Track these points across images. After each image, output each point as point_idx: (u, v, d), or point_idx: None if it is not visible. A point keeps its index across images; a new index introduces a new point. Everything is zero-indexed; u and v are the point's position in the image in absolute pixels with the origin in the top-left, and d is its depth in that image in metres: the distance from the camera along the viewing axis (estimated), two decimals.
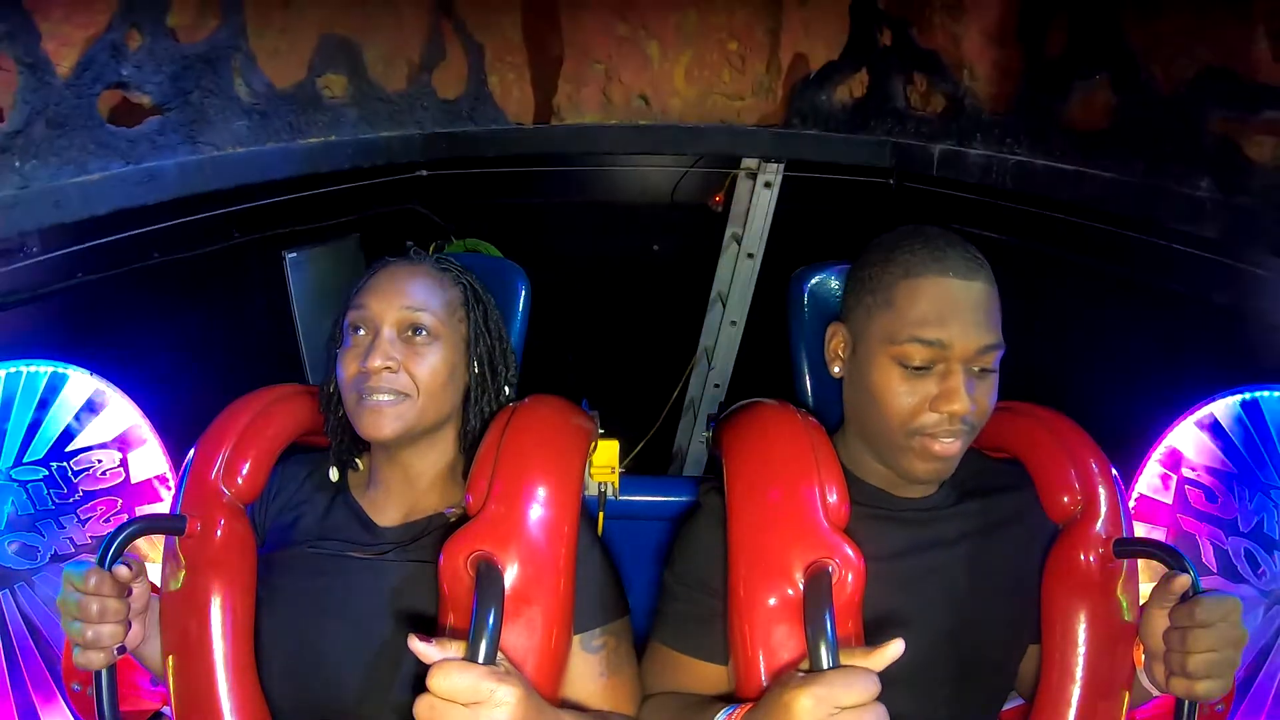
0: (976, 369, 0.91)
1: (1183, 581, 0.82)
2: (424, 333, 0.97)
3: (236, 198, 1.63)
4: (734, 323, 2.36)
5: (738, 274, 2.33)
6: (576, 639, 0.91)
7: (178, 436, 1.32)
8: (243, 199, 1.66)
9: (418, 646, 0.68)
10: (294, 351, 2.02)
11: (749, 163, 2.26)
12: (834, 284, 1.20)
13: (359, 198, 2.14)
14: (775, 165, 2.21)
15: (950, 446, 0.91)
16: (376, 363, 0.93)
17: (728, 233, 2.39)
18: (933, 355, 0.89)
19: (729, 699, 0.88)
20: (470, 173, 2.41)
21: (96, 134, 1.27)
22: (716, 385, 2.40)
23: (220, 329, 1.84)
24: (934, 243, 0.93)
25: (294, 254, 1.95)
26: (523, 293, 1.27)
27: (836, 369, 1.01)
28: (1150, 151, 1.37)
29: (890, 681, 0.71)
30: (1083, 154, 1.51)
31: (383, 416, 0.94)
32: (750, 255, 2.30)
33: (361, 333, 0.98)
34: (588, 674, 0.92)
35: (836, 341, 1.01)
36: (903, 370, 0.90)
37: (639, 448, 2.73)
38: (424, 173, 2.31)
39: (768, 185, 2.23)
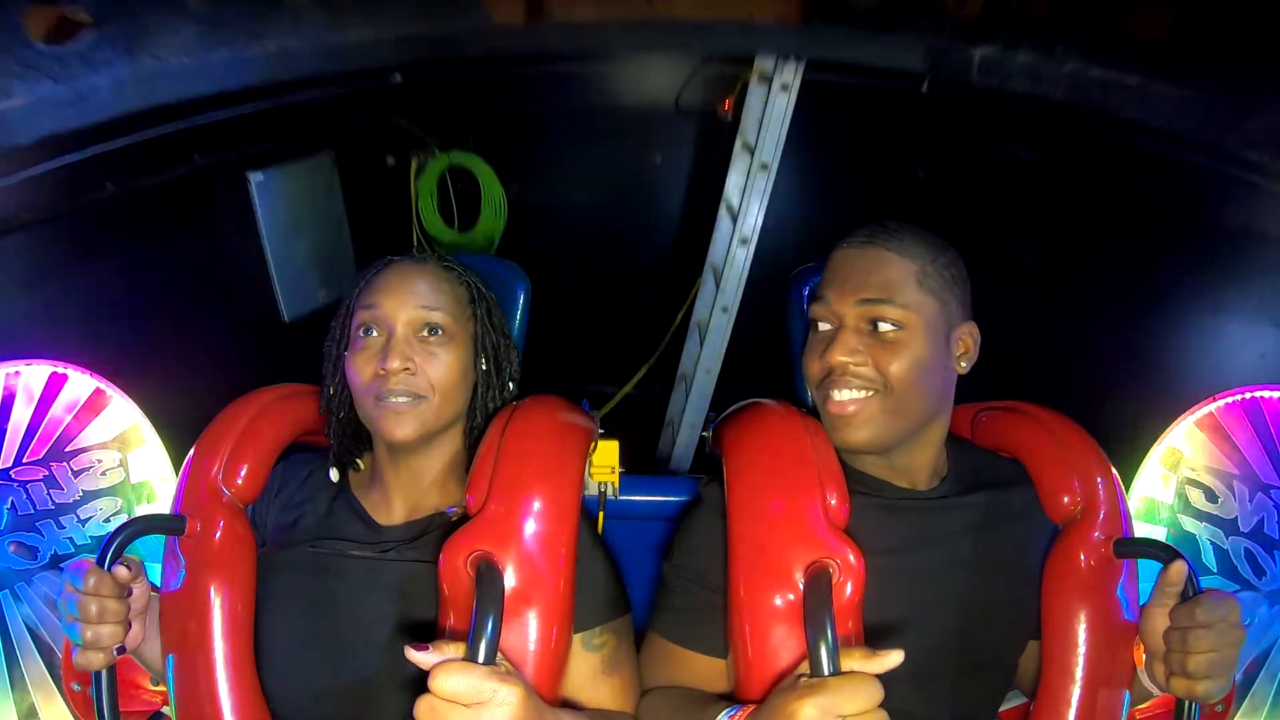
0: (866, 326, 0.94)
1: (1178, 568, 0.82)
2: (440, 332, 0.97)
3: (191, 117, 1.46)
4: (744, 241, 2.09)
5: (750, 187, 2.04)
6: (577, 637, 0.91)
7: (178, 436, 1.31)
8: (200, 118, 1.48)
9: (415, 656, 0.68)
10: (266, 283, 1.89)
11: (763, 64, 1.99)
12: None
13: (330, 110, 1.95)
14: (793, 65, 1.93)
15: (845, 405, 0.93)
16: (395, 364, 0.92)
17: (738, 142, 2.10)
18: (822, 313, 0.97)
19: (728, 698, 0.88)
20: (452, 78, 2.19)
21: (22, 55, 1.12)
22: (725, 309, 2.16)
23: (185, 263, 1.70)
24: (851, 234, 1.00)
25: (260, 175, 1.78)
26: (522, 292, 1.27)
27: None
28: (1227, 66, 1.19)
29: (890, 675, 0.71)
30: (1148, 65, 1.27)
31: (403, 418, 0.93)
32: (764, 166, 2.01)
33: (374, 334, 0.96)
34: (589, 672, 0.92)
35: None
36: (813, 333, 0.99)
37: (642, 371, 2.61)
38: (398, 77, 2.05)
39: (785, 88, 1.94)
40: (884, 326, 0.92)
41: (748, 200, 2.06)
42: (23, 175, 1.25)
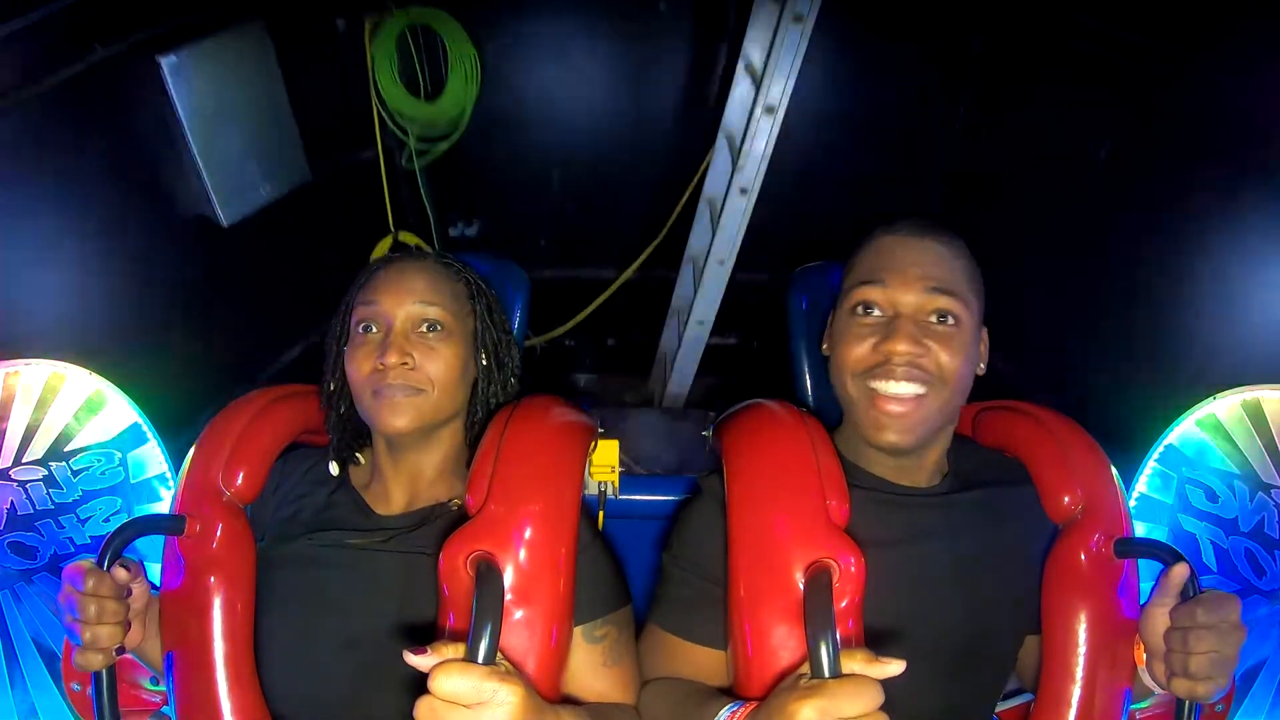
0: (928, 317, 0.92)
1: (1180, 570, 0.82)
2: (438, 327, 0.97)
3: None
4: (770, 109, 1.74)
5: (780, 41, 1.68)
6: (578, 630, 0.91)
7: (178, 436, 1.31)
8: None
9: (414, 660, 0.68)
10: (199, 186, 1.61)
11: None
12: (834, 283, 1.20)
13: None
14: None
15: (901, 397, 0.90)
16: (393, 359, 0.93)
17: None
18: (878, 296, 0.93)
19: (728, 693, 0.88)
20: None
21: None
22: (743, 191, 1.82)
23: (100, 176, 1.44)
24: (894, 219, 0.98)
25: (172, 57, 1.49)
26: (522, 292, 1.27)
27: (824, 346, 1.05)
28: None
29: None
30: None
31: (399, 408, 0.94)
32: (799, 18, 1.66)
33: (373, 330, 0.97)
34: (589, 664, 0.92)
35: (831, 318, 1.05)
36: (856, 319, 0.95)
37: (646, 254, 2.32)
38: None
39: None
40: (945, 319, 0.92)
41: (775, 60, 1.69)
42: None
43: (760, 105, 1.75)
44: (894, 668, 0.69)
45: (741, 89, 1.89)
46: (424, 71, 2.19)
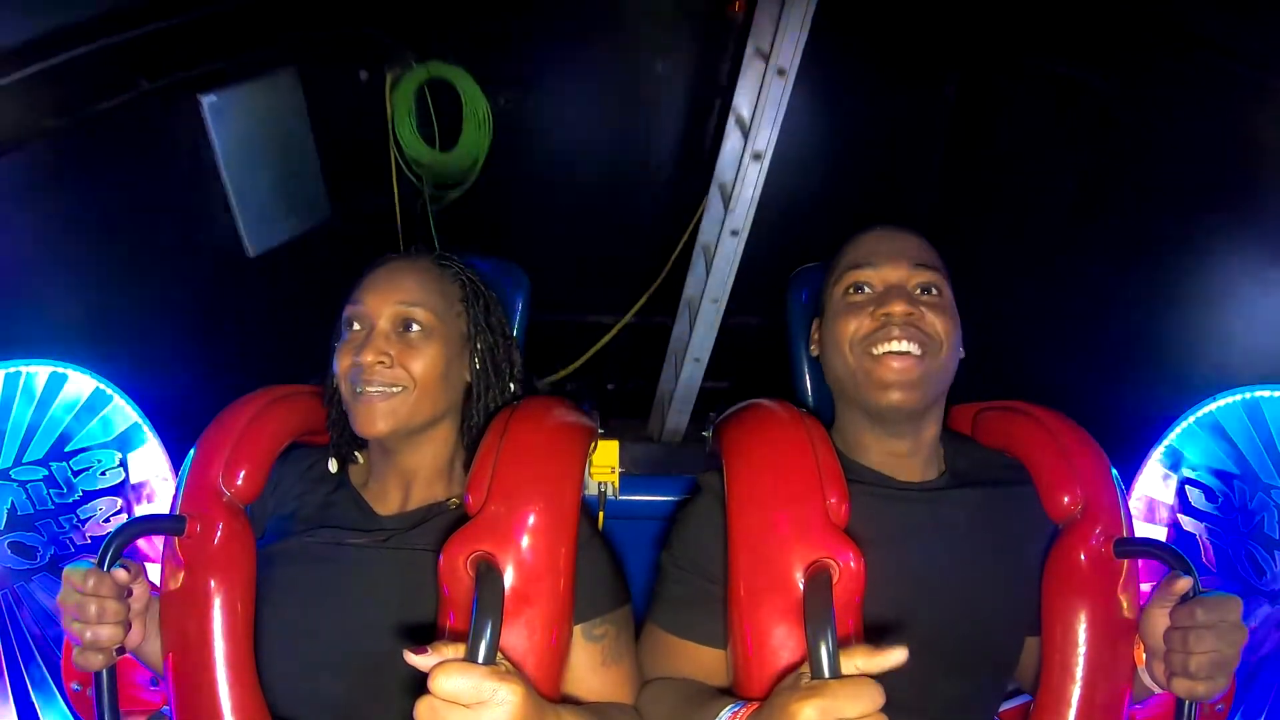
0: (916, 289, 0.99)
1: (1184, 584, 0.82)
2: (416, 327, 0.98)
3: (132, 36, 1.29)
4: (758, 156, 1.85)
5: (765, 94, 1.79)
6: (578, 629, 0.91)
7: (178, 436, 1.31)
8: (142, 36, 1.32)
9: (414, 659, 0.68)
10: (227, 216, 1.72)
11: None
12: None
13: (292, 20, 1.76)
14: None
15: (904, 358, 0.95)
16: (368, 357, 0.94)
17: (750, 47, 1.88)
18: (868, 275, 1.00)
19: (728, 693, 0.88)
20: None
21: None
22: (734, 233, 1.95)
23: (137, 200, 1.53)
24: (869, 226, 1.07)
25: (213, 97, 1.59)
26: (522, 292, 1.27)
27: (814, 348, 1.10)
28: None
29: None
30: None
31: (376, 412, 0.94)
32: (781, 72, 1.76)
33: (357, 328, 0.99)
34: (589, 663, 0.92)
35: (814, 326, 1.11)
36: (849, 297, 1.01)
37: (643, 299, 2.42)
38: None
39: None
40: (929, 290, 0.99)
41: (761, 111, 1.81)
42: None
43: (749, 153, 1.87)
44: (895, 656, 0.69)
45: (733, 140, 2.00)
46: (440, 122, 2.32)
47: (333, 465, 1.05)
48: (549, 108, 2.37)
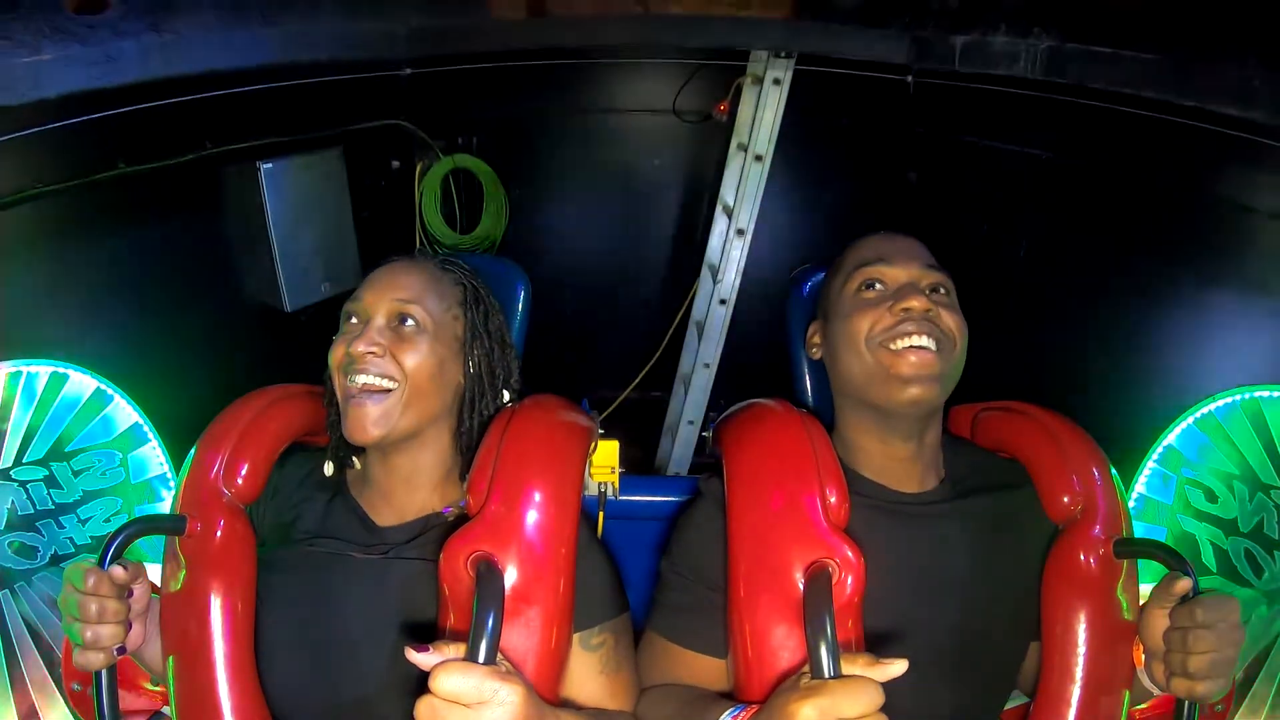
0: (926, 287, 0.98)
1: (1184, 585, 0.82)
2: (410, 322, 0.97)
3: (206, 97, 1.51)
4: (741, 232, 2.22)
5: (746, 179, 2.18)
6: (576, 637, 0.91)
7: (178, 436, 1.31)
8: (214, 101, 1.55)
9: (415, 657, 0.68)
10: (270, 272, 1.94)
11: (755, 67, 2.15)
12: None
13: (340, 108, 2.03)
14: (785, 61, 2.06)
15: (924, 352, 0.93)
16: (360, 348, 0.94)
17: (733, 142, 2.26)
18: (881, 273, 1.00)
19: (728, 697, 0.88)
20: (457, 70, 2.26)
21: (53, 19, 1.20)
22: (723, 302, 2.27)
23: (189, 249, 1.75)
24: (873, 231, 1.08)
25: (269, 164, 1.84)
26: (522, 293, 1.27)
27: (814, 351, 1.09)
28: (1193, 29, 1.25)
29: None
30: (1119, 36, 1.36)
31: (367, 418, 0.93)
32: (759, 158, 2.13)
33: (354, 321, 0.99)
34: (587, 672, 0.92)
35: (812, 331, 1.10)
36: (862, 296, 1.00)
37: (642, 374, 2.65)
38: (408, 70, 2.17)
39: (777, 82, 2.08)
40: (941, 291, 1.00)
41: (742, 194, 2.17)
42: (45, 128, 1.28)
43: (733, 230, 2.22)
44: (896, 668, 0.69)
45: (720, 223, 2.34)
46: (462, 207, 2.61)
47: (328, 469, 1.04)
48: (558, 200, 2.68)
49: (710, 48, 2.25)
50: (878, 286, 0.99)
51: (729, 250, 2.24)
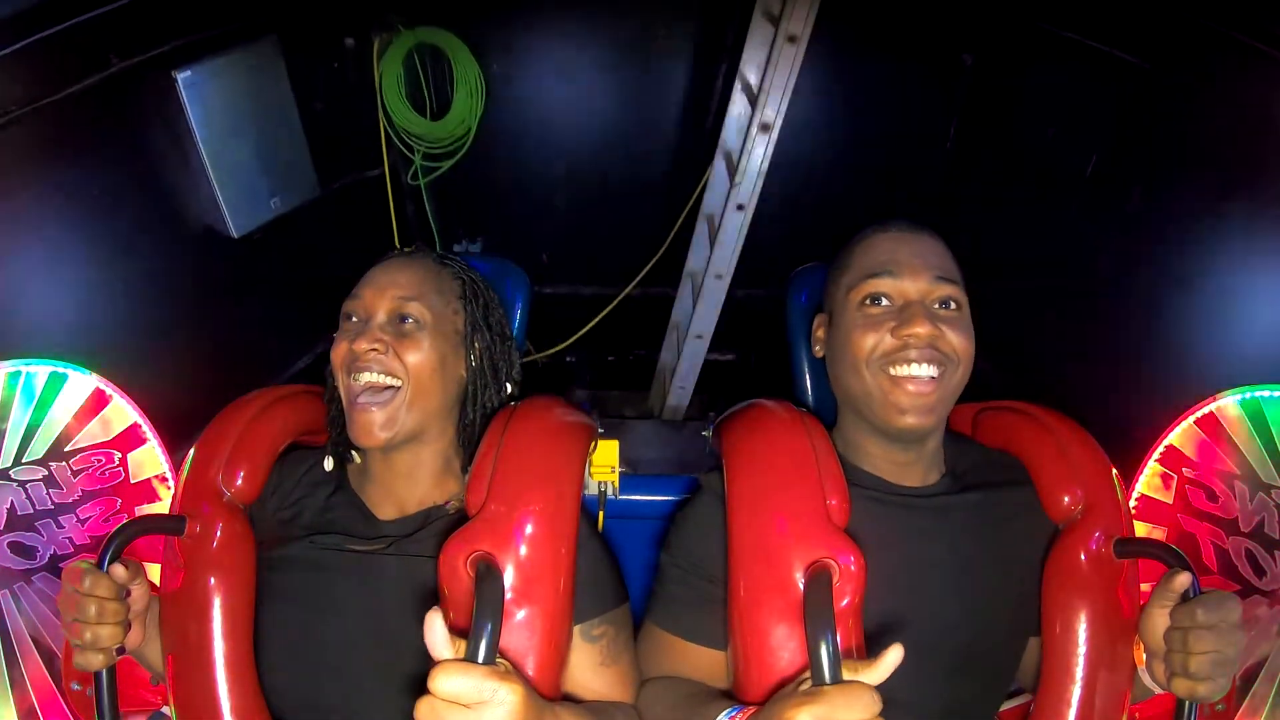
0: (935, 303, 0.96)
1: (1183, 580, 0.82)
2: (411, 319, 0.98)
3: (103, 12, 1.23)
4: (766, 127, 1.78)
5: (775, 63, 1.72)
6: (576, 629, 0.92)
7: (178, 436, 1.31)
8: (113, 12, 1.26)
9: (435, 621, 0.68)
10: (209, 197, 1.66)
11: None
12: None
13: None
14: None
15: (923, 382, 0.93)
16: (363, 345, 0.95)
17: (758, 9, 1.83)
18: (888, 287, 0.96)
19: (727, 695, 0.88)
20: None
21: None
22: (740, 207, 1.89)
23: (113, 184, 1.47)
24: (883, 221, 1.03)
25: (187, 72, 1.53)
26: (522, 292, 1.27)
27: (818, 349, 1.07)
28: None
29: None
30: None
31: (373, 422, 0.94)
32: (792, 39, 1.69)
33: (354, 320, 0.99)
34: (587, 663, 0.92)
35: (817, 325, 1.08)
36: (866, 309, 0.97)
37: (656, 258, 2.39)
38: None
39: None
40: (948, 305, 0.96)
41: (770, 79, 1.73)
42: None
43: (756, 123, 1.79)
44: (892, 657, 0.69)
45: (738, 107, 1.93)
46: (430, 90, 2.25)
47: (328, 464, 1.05)
48: (545, 74, 2.32)
49: None
50: (883, 302, 0.97)
51: (750, 146, 1.81)
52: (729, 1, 1.96)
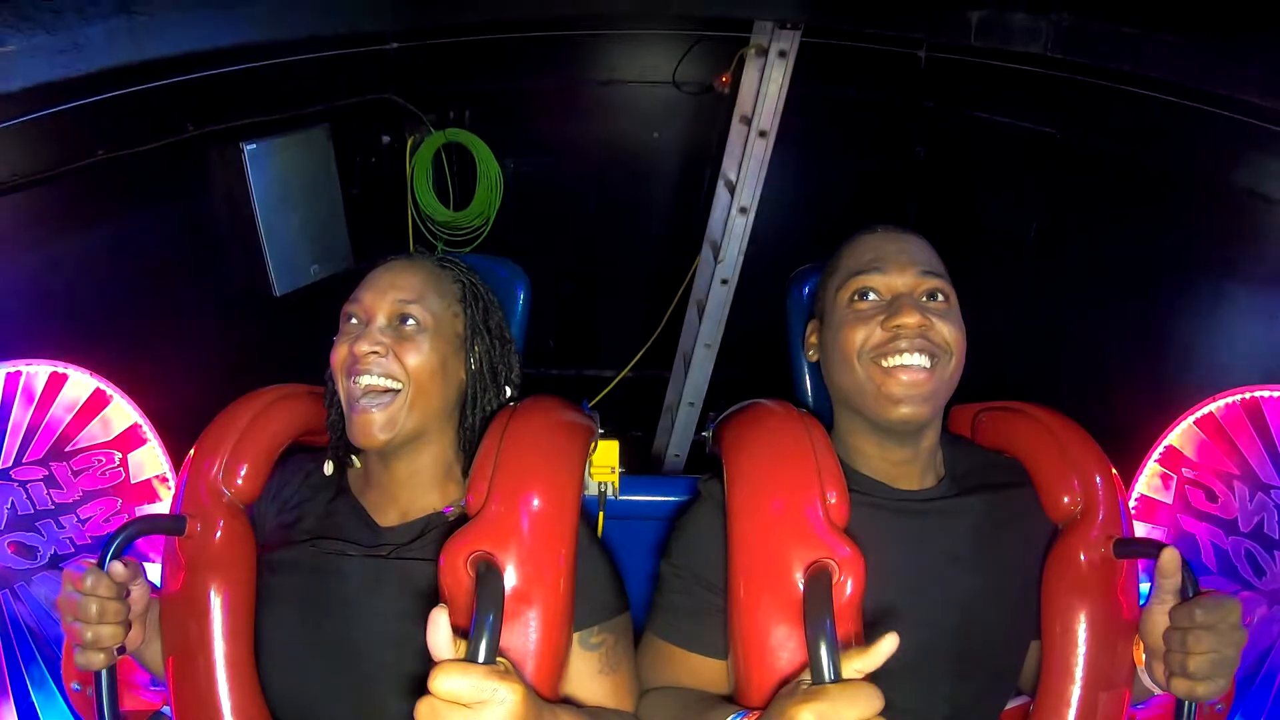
0: (923, 296, 0.96)
1: (1171, 557, 0.82)
2: (411, 322, 0.97)
3: (185, 80, 1.46)
4: (744, 210, 2.09)
5: (749, 156, 2.06)
6: (575, 636, 0.91)
7: (178, 436, 1.31)
8: (193, 83, 1.49)
9: (440, 618, 0.68)
10: (258, 256, 1.89)
11: (759, 39, 2.05)
12: None
13: (326, 84, 1.97)
14: (790, 33, 1.97)
15: (915, 371, 0.93)
16: (363, 347, 0.94)
17: (735, 115, 2.15)
18: (876, 282, 0.97)
19: (728, 699, 0.88)
20: (446, 44, 2.19)
21: (17, 7, 1.16)
22: (724, 281, 2.18)
23: (175, 235, 1.70)
24: (870, 224, 1.06)
25: (253, 145, 1.78)
26: (522, 291, 1.27)
27: (811, 353, 1.08)
28: (1226, 15, 1.20)
29: (890, 674, 0.71)
30: (1145, 17, 1.30)
31: (373, 424, 0.93)
32: (763, 134, 2.02)
33: (354, 322, 0.99)
34: (587, 671, 0.92)
35: (810, 331, 1.09)
36: (855, 305, 0.98)
37: (641, 353, 2.61)
38: (395, 44, 2.10)
39: (782, 55, 1.98)
40: (936, 297, 0.97)
41: (745, 169, 2.06)
42: (17, 121, 1.23)
43: (735, 208, 2.10)
44: (887, 644, 0.69)
45: (721, 198, 2.23)
46: (454, 183, 2.53)
47: (328, 468, 1.04)
48: (556, 173, 2.59)
49: (712, 17, 2.18)
50: (871, 297, 0.97)
51: (731, 228, 2.12)
52: (713, 111, 2.30)
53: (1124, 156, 1.52)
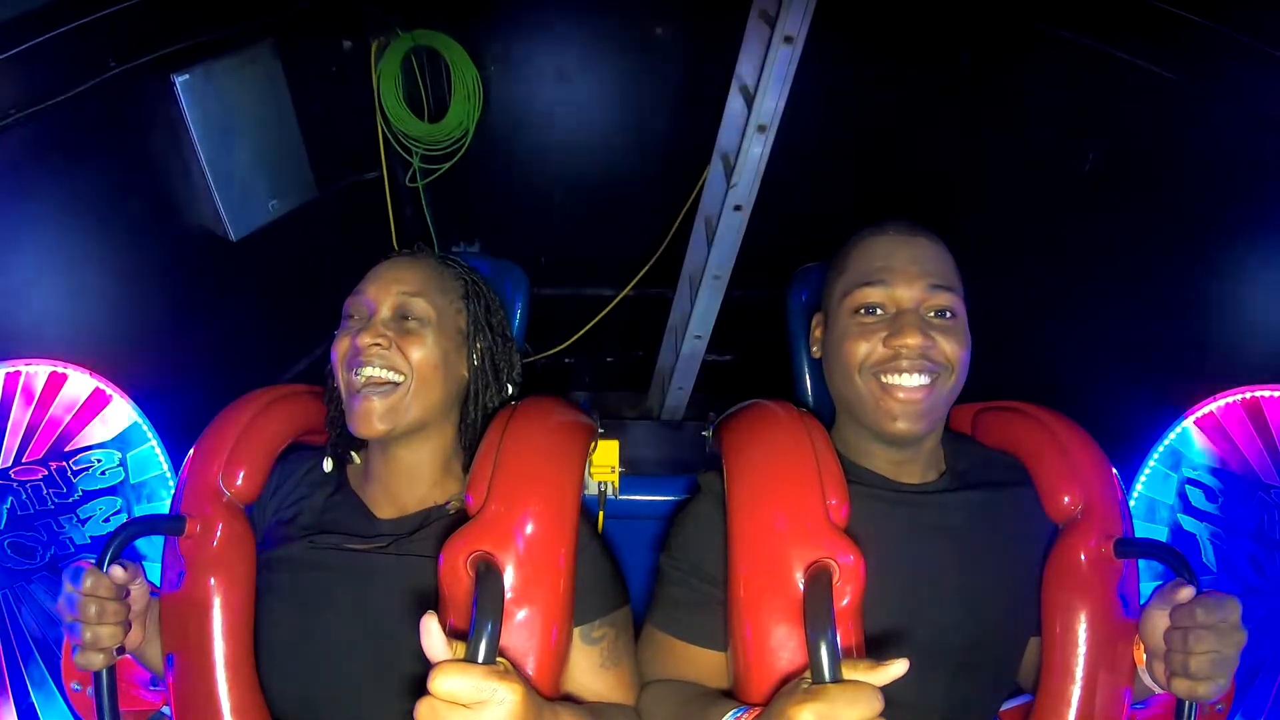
0: (930, 313, 0.95)
1: (1187, 594, 0.82)
2: (414, 317, 0.98)
3: (101, 18, 1.23)
4: (762, 128, 1.78)
5: (770, 64, 1.70)
6: (576, 631, 0.91)
7: (178, 436, 1.31)
8: (111, 16, 1.25)
9: (430, 625, 0.68)
10: (208, 200, 1.66)
11: None
12: None
13: None
14: None
15: (914, 390, 0.93)
16: (366, 339, 0.94)
17: (754, 10, 1.81)
18: (881, 296, 0.96)
19: (728, 695, 0.88)
20: None
21: None
22: (737, 208, 1.89)
23: (113, 189, 1.48)
24: (880, 221, 1.02)
25: (185, 75, 1.54)
26: (522, 293, 1.27)
27: (815, 349, 1.07)
28: None
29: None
30: None
31: (373, 412, 0.94)
32: (788, 39, 1.66)
33: (356, 316, 0.99)
34: (588, 665, 0.92)
35: (815, 325, 1.08)
36: (859, 317, 0.97)
37: (654, 259, 2.41)
38: None
39: None
40: (944, 314, 0.95)
41: (766, 80, 1.73)
42: None
43: (753, 124, 1.79)
44: (896, 668, 0.69)
45: (735, 108, 1.93)
46: (428, 92, 2.26)
47: (327, 465, 1.05)
48: (541, 75, 2.33)
49: None
50: (877, 312, 0.96)
51: (747, 147, 1.80)
52: (727, 2, 1.96)
53: (1211, 106, 1.36)
